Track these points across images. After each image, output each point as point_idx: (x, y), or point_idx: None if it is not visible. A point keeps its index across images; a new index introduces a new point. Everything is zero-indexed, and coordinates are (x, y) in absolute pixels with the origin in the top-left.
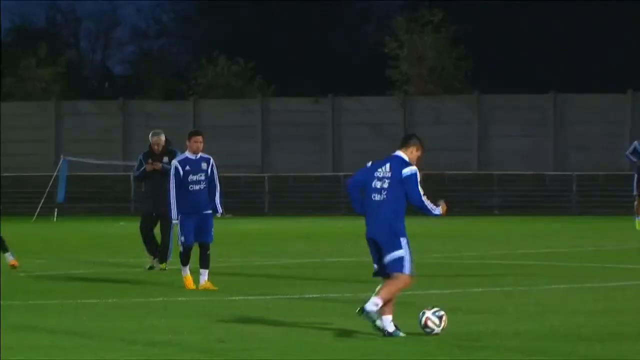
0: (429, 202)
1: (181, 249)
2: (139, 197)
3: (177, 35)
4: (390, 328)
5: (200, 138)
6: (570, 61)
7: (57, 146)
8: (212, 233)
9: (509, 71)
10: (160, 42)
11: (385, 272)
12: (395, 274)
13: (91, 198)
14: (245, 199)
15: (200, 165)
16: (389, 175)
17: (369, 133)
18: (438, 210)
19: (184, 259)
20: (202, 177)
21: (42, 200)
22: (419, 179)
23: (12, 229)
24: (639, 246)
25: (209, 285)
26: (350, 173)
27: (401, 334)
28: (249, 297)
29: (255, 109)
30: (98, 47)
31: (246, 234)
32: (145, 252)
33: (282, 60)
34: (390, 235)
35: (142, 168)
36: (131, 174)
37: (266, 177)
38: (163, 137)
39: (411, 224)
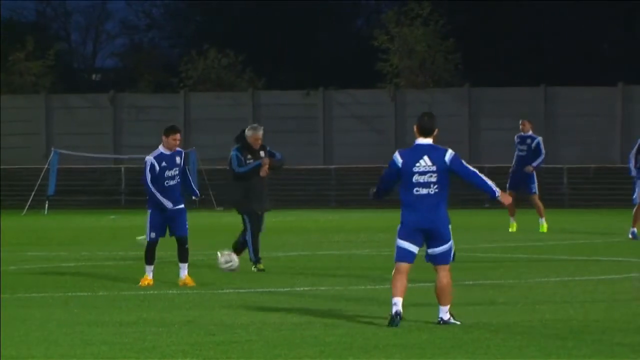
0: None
1: (145, 245)
2: (236, 195)
3: (168, 29)
4: (446, 316)
5: (179, 136)
6: (561, 54)
7: (47, 139)
8: (187, 226)
9: (499, 64)
10: (151, 35)
11: (412, 258)
12: (441, 267)
13: (82, 191)
14: None
15: (175, 160)
16: (434, 168)
17: (359, 126)
18: (498, 191)
19: (150, 257)
20: (177, 172)
21: (33, 193)
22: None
23: (3, 222)
24: (629, 239)
25: (189, 280)
26: (341, 166)
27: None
28: (239, 290)
29: (245, 102)
30: (88, 40)
31: (236, 226)
32: (252, 256)
33: (273, 53)
34: (444, 226)
35: (257, 164)
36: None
37: None
38: (261, 132)
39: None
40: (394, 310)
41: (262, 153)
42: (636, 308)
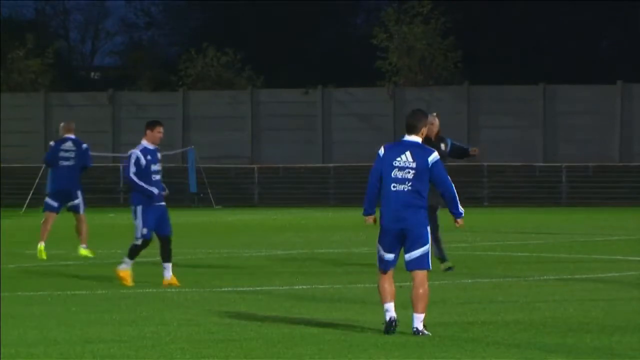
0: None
1: (139, 242)
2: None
3: (167, 27)
4: (420, 325)
5: (162, 129)
6: (560, 52)
7: (46, 137)
8: (171, 225)
9: (499, 62)
10: (150, 33)
11: (395, 263)
12: (418, 273)
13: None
14: (234, 190)
15: (157, 155)
16: (413, 165)
17: (358, 124)
18: (462, 211)
19: (136, 253)
20: (160, 167)
21: (32, 192)
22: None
23: (2, 220)
24: (628, 238)
25: (174, 280)
26: (340, 164)
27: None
28: (239, 289)
29: (244, 100)
30: (87, 38)
31: (236, 224)
32: (437, 252)
33: (272, 52)
34: (420, 227)
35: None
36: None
37: (256, 168)
38: (432, 119)
39: None
40: (387, 317)
41: (442, 146)
42: (635, 306)
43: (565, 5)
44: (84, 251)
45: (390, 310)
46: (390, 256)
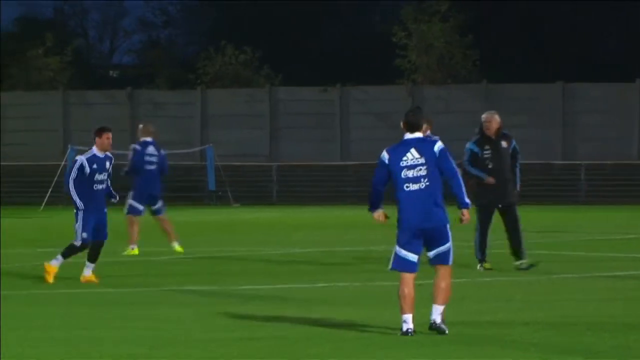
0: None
1: (78, 244)
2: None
3: (184, 26)
4: (439, 318)
5: (111, 134)
6: (578, 50)
7: (65, 135)
8: (107, 231)
9: (517, 60)
10: (168, 32)
11: (418, 265)
12: (441, 267)
13: None
14: (253, 188)
15: (105, 165)
16: (422, 160)
17: (377, 122)
18: (469, 204)
19: (71, 254)
20: (105, 177)
21: (50, 190)
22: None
23: (19, 219)
24: None
25: (94, 277)
26: (359, 162)
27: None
28: (257, 286)
29: (263, 98)
30: (105, 37)
31: (254, 222)
32: (478, 253)
33: (290, 50)
34: (441, 225)
35: (481, 177)
36: (462, 165)
37: (274, 166)
38: (490, 115)
39: None
40: (404, 328)
41: (503, 144)
42: None
43: (579, 4)
44: (178, 248)
45: (408, 322)
46: (414, 257)
